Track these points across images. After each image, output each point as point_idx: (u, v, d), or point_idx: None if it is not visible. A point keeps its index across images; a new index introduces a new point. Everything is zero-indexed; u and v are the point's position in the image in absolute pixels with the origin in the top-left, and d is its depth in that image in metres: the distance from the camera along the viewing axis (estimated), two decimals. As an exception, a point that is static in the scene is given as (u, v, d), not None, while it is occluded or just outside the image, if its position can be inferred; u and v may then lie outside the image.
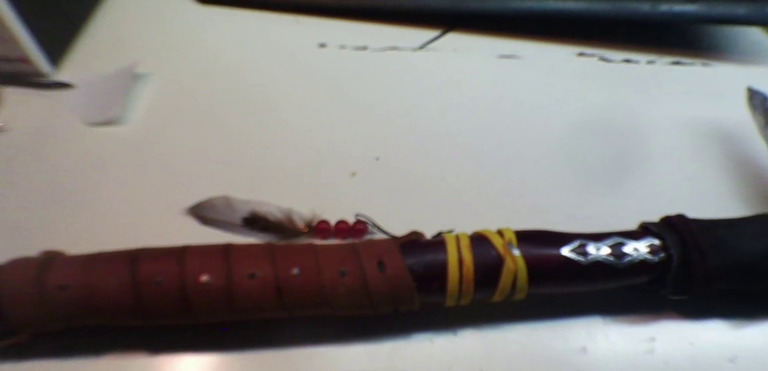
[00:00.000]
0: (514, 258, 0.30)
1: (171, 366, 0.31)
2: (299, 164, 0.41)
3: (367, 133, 0.43)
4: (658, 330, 0.34)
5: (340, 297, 0.29)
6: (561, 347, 0.33)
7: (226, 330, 0.32)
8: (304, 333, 0.32)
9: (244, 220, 0.38)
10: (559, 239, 0.31)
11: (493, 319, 0.34)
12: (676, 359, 0.33)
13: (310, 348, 0.32)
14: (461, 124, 0.45)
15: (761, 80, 0.49)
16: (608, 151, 0.43)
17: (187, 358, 0.31)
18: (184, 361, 0.31)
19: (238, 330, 0.31)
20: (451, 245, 0.30)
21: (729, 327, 0.34)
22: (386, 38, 0.51)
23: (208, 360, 0.31)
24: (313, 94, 0.46)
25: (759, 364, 0.32)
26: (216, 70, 0.48)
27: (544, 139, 0.44)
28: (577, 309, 0.34)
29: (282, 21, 0.52)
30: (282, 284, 0.29)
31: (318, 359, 0.32)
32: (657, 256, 0.30)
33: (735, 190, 0.41)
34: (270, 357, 0.32)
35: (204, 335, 0.31)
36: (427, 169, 0.42)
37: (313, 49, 0.50)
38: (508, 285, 0.30)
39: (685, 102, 0.46)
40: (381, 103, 0.46)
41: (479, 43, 0.51)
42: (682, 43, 0.50)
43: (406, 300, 0.30)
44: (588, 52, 0.50)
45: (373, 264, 0.30)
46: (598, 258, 0.30)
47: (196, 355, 0.31)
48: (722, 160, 0.43)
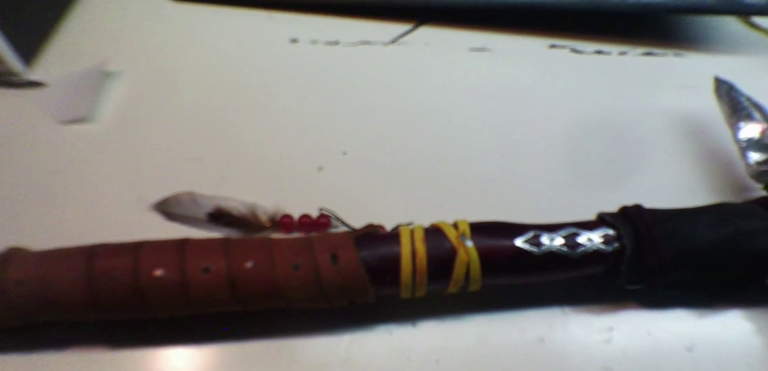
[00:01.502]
0: (467, 249, 0.30)
1: (132, 360, 0.31)
2: (267, 159, 0.42)
3: (335, 128, 0.43)
4: (617, 320, 0.34)
5: (293, 290, 0.30)
6: (518, 338, 0.33)
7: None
8: (263, 326, 0.32)
9: (209, 216, 0.38)
10: (514, 230, 0.31)
11: (453, 310, 0.34)
12: (633, 348, 0.33)
13: (269, 341, 0.32)
14: (431, 117, 0.45)
15: (734, 70, 0.49)
16: (578, 143, 0.43)
17: (147, 352, 0.32)
18: (145, 355, 0.31)
19: (196, 323, 0.31)
20: (405, 237, 0.30)
21: (687, 316, 0.34)
22: (358, 33, 0.51)
23: (168, 353, 0.32)
24: (283, 90, 0.46)
25: (716, 352, 0.32)
26: (188, 66, 0.48)
27: (514, 131, 0.44)
28: (536, 299, 0.34)
29: (254, 17, 0.52)
30: (236, 277, 0.29)
31: (277, 352, 0.32)
32: (611, 246, 0.30)
33: (704, 180, 0.41)
34: (227, 350, 0.32)
35: (165, 329, 0.31)
36: (395, 162, 0.42)
37: (285, 45, 0.50)
38: (462, 276, 0.30)
39: (657, 93, 0.46)
40: (351, 97, 0.46)
41: (451, 36, 0.51)
42: (655, 34, 0.50)
43: (360, 292, 0.30)
44: (559, 43, 0.50)
45: (327, 258, 0.30)
46: (551, 248, 0.30)
47: (156, 349, 0.32)
48: (692, 150, 0.43)
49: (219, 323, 0.32)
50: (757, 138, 0.36)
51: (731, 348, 0.33)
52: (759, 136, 0.36)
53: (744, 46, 0.51)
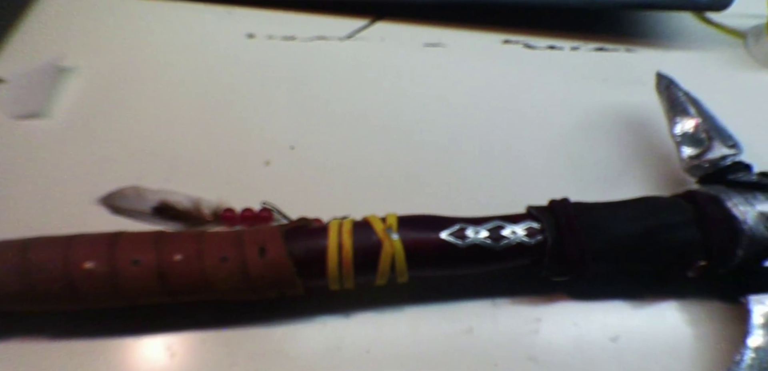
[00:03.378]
0: (392, 242, 0.31)
1: (71, 349, 0.32)
2: (216, 153, 0.42)
3: (285, 123, 0.44)
4: (545, 311, 0.34)
5: (221, 282, 0.30)
6: (448, 328, 0.34)
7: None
8: (197, 318, 0.33)
9: (154, 209, 0.38)
10: (440, 223, 0.31)
11: (386, 302, 0.35)
12: (559, 339, 0.33)
13: (205, 332, 0.33)
14: (384, 112, 0.46)
15: (684, 65, 0.49)
16: (527, 138, 0.44)
17: (84, 343, 0.32)
18: (83, 345, 0.32)
19: (125, 315, 0.32)
20: (332, 230, 0.31)
21: (614, 307, 0.34)
22: (314, 28, 0.51)
23: (100, 344, 0.32)
24: (238, 85, 0.47)
25: (639, 343, 0.33)
26: (144, 62, 0.48)
27: (465, 126, 0.44)
28: (468, 291, 0.35)
29: (213, 12, 0.53)
30: (165, 270, 0.30)
31: (211, 342, 0.33)
32: (534, 239, 0.31)
33: (646, 174, 0.42)
34: (160, 341, 0.32)
35: (104, 319, 0.32)
36: (344, 157, 0.42)
37: (241, 40, 0.50)
38: (387, 268, 0.31)
39: (606, 88, 0.47)
40: (304, 92, 0.46)
41: (406, 31, 0.51)
42: (607, 29, 0.51)
43: (288, 284, 0.31)
44: (513, 39, 0.50)
45: (255, 250, 0.30)
46: (476, 241, 0.31)
47: (92, 340, 0.32)
48: (637, 144, 0.43)
49: (152, 315, 0.32)
50: (691, 132, 0.37)
51: (655, 339, 0.33)
52: (692, 130, 0.37)
53: (697, 41, 0.51)
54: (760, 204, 0.31)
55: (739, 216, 0.31)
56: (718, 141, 0.36)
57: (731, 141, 0.36)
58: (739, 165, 0.35)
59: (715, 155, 0.35)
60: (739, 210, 0.31)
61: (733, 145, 0.36)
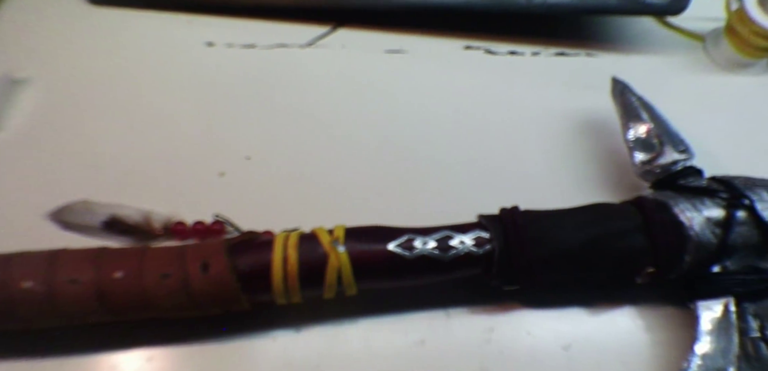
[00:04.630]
0: (338, 254, 0.30)
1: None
2: (170, 165, 0.41)
3: (241, 133, 0.43)
4: (498, 320, 0.34)
5: (162, 300, 0.30)
6: (400, 341, 0.33)
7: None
8: (143, 335, 0.32)
9: (104, 224, 0.37)
10: (388, 234, 0.31)
11: (338, 315, 0.34)
12: (512, 348, 0.33)
13: (149, 349, 0.32)
14: (344, 120, 0.45)
15: (644, 68, 0.49)
16: (486, 144, 0.43)
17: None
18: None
19: (64, 336, 0.31)
20: (277, 244, 0.30)
21: (566, 316, 0.34)
22: (275, 35, 0.50)
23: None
24: (195, 95, 0.46)
25: (591, 351, 0.33)
26: (99, 72, 0.47)
27: (426, 133, 0.44)
28: (421, 302, 0.35)
29: (172, 20, 0.52)
30: (104, 288, 0.29)
31: (157, 360, 0.32)
32: (482, 249, 0.31)
33: (603, 180, 0.42)
34: (98, 362, 0.32)
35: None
36: (302, 167, 0.42)
37: (200, 49, 0.49)
38: (334, 281, 0.30)
39: (567, 93, 0.47)
40: (263, 101, 0.46)
41: (367, 38, 0.50)
42: (568, 35, 0.51)
43: (233, 300, 0.30)
44: (474, 45, 0.50)
45: (197, 267, 0.30)
46: (423, 252, 0.30)
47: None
48: (595, 149, 0.43)
49: (95, 335, 0.32)
50: (643, 137, 0.37)
51: (606, 345, 0.33)
52: (645, 135, 0.37)
53: (657, 44, 0.51)
54: (707, 210, 0.31)
55: (685, 222, 0.30)
56: (670, 146, 0.36)
57: (682, 146, 0.36)
58: (690, 170, 0.35)
59: (666, 160, 0.35)
60: (685, 216, 0.31)
61: (684, 149, 0.36)
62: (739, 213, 0.31)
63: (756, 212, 0.31)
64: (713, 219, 0.31)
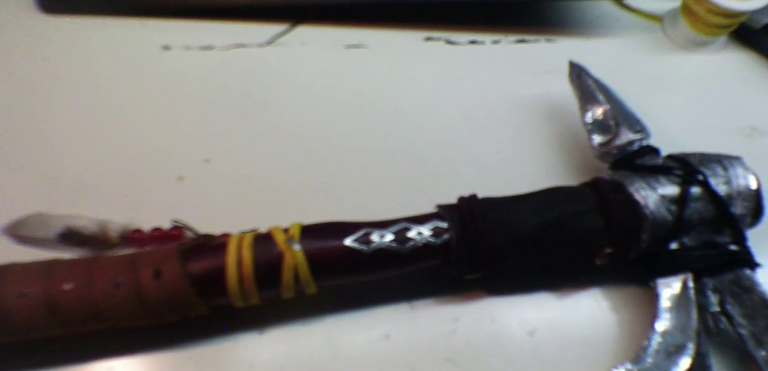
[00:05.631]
0: (294, 253, 0.30)
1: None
2: (127, 172, 0.40)
3: (200, 136, 0.43)
4: (463, 310, 0.34)
5: (115, 310, 0.29)
6: (365, 336, 0.33)
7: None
8: (101, 346, 0.31)
9: (60, 236, 0.36)
10: (345, 230, 0.31)
11: (301, 314, 0.34)
12: (477, 337, 0.33)
13: (108, 360, 0.31)
14: (306, 118, 0.45)
15: (603, 51, 0.50)
16: (450, 133, 0.43)
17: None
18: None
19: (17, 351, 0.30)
20: (231, 246, 0.30)
21: (530, 300, 0.34)
22: (233, 36, 0.50)
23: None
24: (150, 100, 0.45)
25: (556, 334, 0.33)
26: (54, 81, 0.46)
27: (389, 126, 0.44)
28: (385, 295, 0.34)
29: (128, 25, 0.51)
30: (54, 301, 0.28)
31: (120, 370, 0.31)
32: (440, 238, 0.30)
33: (565, 163, 0.42)
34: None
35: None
36: (264, 167, 0.41)
37: (156, 53, 0.48)
38: (291, 280, 0.30)
39: (527, 79, 0.47)
40: (222, 103, 0.45)
41: (327, 34, 0.50)
42: (528, 21, 0.51)
43: (188, 306, 0.30)
44: (435, 36, 0.50)
45: (149, 274, 0.29)
46: (381, 245, 0.30)
47: None
48: (556, 133, 0.43)
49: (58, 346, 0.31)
50: (600, 119, 0.37)
51: (570, 328, 0.33)
52: (601, 117, 0.37)
53: (616, 27, 0.51)
54: (661, 188, 0.31)
55: (640, 201, 0.31)
56: (626, 126, 0.36)
57: (638, 126, 0.36)
58: (646, 149, 0.35)
59: (622, 141, 0.35)
60: (640, 194, 0.31)
61: (640, 129, 0.36)
62: (693, 189, 0.31)
63: (710, 187, 0.31)
64: (668, 197, 0.31)
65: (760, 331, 0.29)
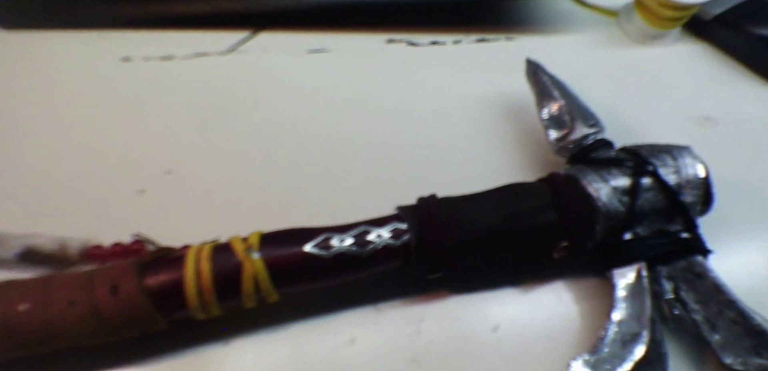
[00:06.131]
0: (253, 262, 0.29)
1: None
2: (87, 187, 0.40)
3: (160, 147, 0.42)
4: (428, 310, 0.34)
5: (73, 329, 0.28)
6: (330, 342, 0.33)
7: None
8: (58, 367, 0.31)
9: (19, 256, 0.36)
10: (304, 236, 0.31)
11: (267, 323, 0.33)
12: (441, 336, 0.33)
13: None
14: (269, 124, 0.44)
15: (562, 47, 0.51)
16: (413, 134, 0.44)
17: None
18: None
19: None
20: (189, 258, 0.30)
21: (493, 297, 0.35)
22: (194, 45, 0.49)
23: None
24: (111, 112, 0.45)
25: (519, 329, 0.33)
26: (13, 97, 0.45)
27: (353, 130, 0.44)
28: (350, 299, 0.34)
29: (87, 38, 0.50)
30: (9, 323, 0.28)
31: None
32: (400, 240, 0.31)
33: (525, 160, 0.42)
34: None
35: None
36: (227, 176, 0.41)
37: (116, 65, 0.48)
38: (251, 289, 0.30)
39: (488, 78, 0.48)
40: (184, 113, 0.45)
41: (289, 40, 0.50)
42: (488, 21, 0.52)
43: (148, 321, 0.29)
44: (397, 38, 0.50)
45: (106, 290, 0.29)
46: (341, 250, 0.30)
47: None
48: (517, 130, 0.44)
49: None
50: (555, 115, 0.38)
51: (533, 322, 0.34)
52: (557, 113, 0.38)
53: (574, 23, 0.52)
54: (613, 180, 0.32)
55: (593, 193, 0.31)
56: (580, 121, 0.36)
57: (592, 120, 0.37)
58: (600, 142, 0.36)
59: (577, 135, 0.36)
60: (593, 187, 0.31)
61: (594, 123, 0.36)
62: (644, 179, 0.32)
63: (659, 177, 0.32)
64: (620, 188, 0.32)
65: (713, 316, 0.30)
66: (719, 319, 0.30)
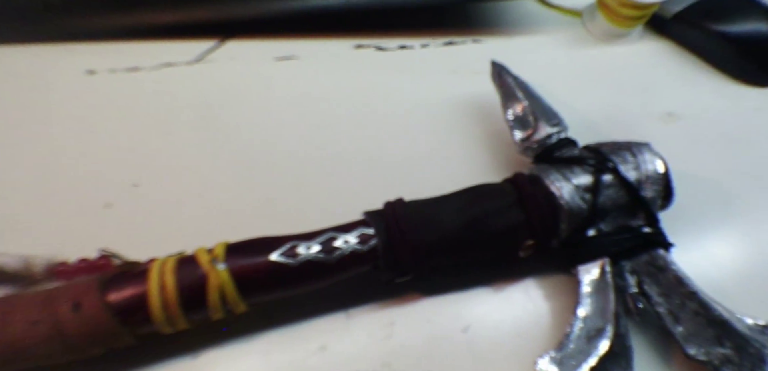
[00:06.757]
0: (218, 273, 0.29)
1: None
2: (51, 203, 0.39)
3: (127, 160, 0.42)
4: (399, 313, 0.34)
5: (36, 348, 0.28)
6: (301, 351, 0.33)
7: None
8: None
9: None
10: (271, 245, 0.31)
11: (236, 335, 0.33)
12: (412, 339, 0.33)
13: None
14: (237, 134, 0.44)
15: (528, 48, 0.51)
16: (382, 140, 0.44)
17: None
18: None
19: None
20: (153, 272, 0.29)
21: (464, 298, 0.35)
22: (160, 55, 0.49)
23: None
24: (75, 127, 0.44)
25: (490, 329, 0.34)
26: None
27: (322, 137, 0.44)
28: (320, 306, 0.34)
29: (51, 52, 0.49)
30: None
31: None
32: (367, 245, 0.31)
33: (495, 161, 0.42)
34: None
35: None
36: (195, 187, 0.40)
37: (81, 78, 0.47)
38: (217, 301, 0.29)
39: (455, 81, 0.48)
40: (150, 124, 0.44)
41: (256, 47, 0.50)
42: (455, 24, 0.52)
43: (112, 337, 0.29)
44: (365, 43, 0.51)
45: (67, 308, 0.28)
46: (308, 257, 0.30)
47: None
48: (485, 132, 0.44)
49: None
50: (520, 116, 0.38)
51: (503, 321, 0.34)
52: (521, 113, 0.38)
53: (539, 24, 0.53)
54: (576, 178, 0.32)
55: (556, 192, 0.32)
56: (543, 120, 0.37)
57: (556, 119, 0.37)
58: (564, 141, 0.36)
59: (541, 135, 0.36)
60: (555, 186, 0.32)
61: (557, 123, 0.37)
62: (605, 177, 0.32)
63: (620, 174, 0.32)
64: (582, 186, 0.32)
65: (676, 308, 0.31)
66: (682, 311, 0.31)
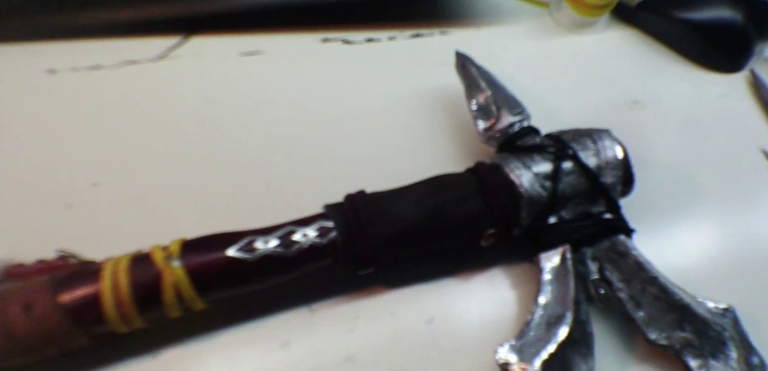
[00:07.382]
0: (173, 270, 0.29)
1: None
2: (9, 205, 0.38)
3: (88, 159, 0.41)
4: (363, 307, 0.34)
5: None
6: (264, 347, 0.32)
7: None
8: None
9: (-65, 281, 0.34)
10: (228, 240, 0.30)
11: (198, 331, 0.33)
12: (376, 332, 0.33)
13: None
14: (202, 130, 0.44)
15: (495, 39, 0.51)
16: (349, 132, 0.43)
17: None
18: None
19: None
20: (106, 271, 0.29)
21: (427, 289, 0.35)
22: (123, 53, 0.48)
23: None
24: (34, 127, 0.43)
25: (454, 320, 0.34)
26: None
27: (288, 131, 0.43)
28: (283, 302, 0.34)
29: (9, 52, 0.48)
30: None
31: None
32: (326, 238, 0.30)
33: (458, 151, 0.42)
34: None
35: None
36: (158, 186, 0.40)
37: (41, 78, 0.46)
38: (173, 298, 0.29)
39: (423, 72, 0.48)
40: (112, 123, 0.43)
41: (221, 43, 0.49)
42: (422, 16, 0.52)
43: (66, 338, 0.28)
44: (332, 36, 0.50)
45: (18, 309, 0.27)
46: (266, 252, 0.30)
47: None
48: (451, 123, 0.44)
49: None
50: (483, 105, 0.38)
51: (467, 312, 0.34)
52: (484, 103, 0.38)
53: (506, 15, 0.53)
54: (535, 166, 0.32)
55: (515, 180, 0.32)
56: (506, 110, 0.37)
57: (518, 108, 0.37)
58: (526, 130, 0.36)
59: (503, 124, 0.36)
60: (515, 174, 0.32)
61: (519, 111, 0.37)
62: (565, 164, 0.32)
63: (579, 160, 0.32)
64: (542, 174, 0.32)
65: (637, 293, 0.31)
66: (643, 296, 0.31)
